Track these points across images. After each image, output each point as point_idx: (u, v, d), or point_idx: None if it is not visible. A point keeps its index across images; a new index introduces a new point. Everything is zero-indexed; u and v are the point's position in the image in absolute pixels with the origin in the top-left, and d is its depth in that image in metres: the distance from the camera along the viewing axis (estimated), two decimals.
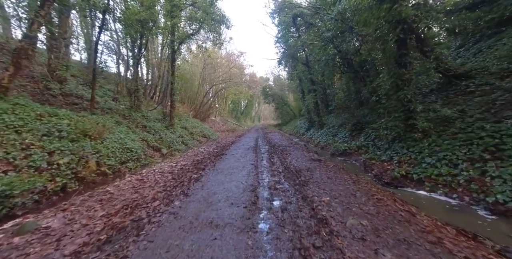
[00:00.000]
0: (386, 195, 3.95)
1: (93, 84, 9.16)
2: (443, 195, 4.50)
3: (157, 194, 4.16)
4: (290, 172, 5.96)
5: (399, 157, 6.75)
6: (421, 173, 5.40)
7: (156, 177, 5.51)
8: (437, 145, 6.07)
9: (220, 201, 3.95)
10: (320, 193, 4.08)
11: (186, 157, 9.01)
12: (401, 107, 7.19)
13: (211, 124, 28.19)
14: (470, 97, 7.61)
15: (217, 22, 13.80)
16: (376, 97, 8.34)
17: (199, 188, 4.75)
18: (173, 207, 3.60)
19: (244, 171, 6.26)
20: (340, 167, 6.64)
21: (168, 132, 13.79)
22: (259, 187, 4.80)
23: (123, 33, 12.75)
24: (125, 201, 3.67)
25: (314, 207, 3.39)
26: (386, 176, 6.00)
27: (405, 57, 6.94)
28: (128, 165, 7.79)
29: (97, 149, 6.80)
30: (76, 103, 9.66)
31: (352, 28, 11.13)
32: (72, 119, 6.99)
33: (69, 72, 12.76)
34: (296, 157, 8.30)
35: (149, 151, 10.25)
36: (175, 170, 6.40)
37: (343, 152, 9.99)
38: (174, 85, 14.86)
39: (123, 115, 11.87)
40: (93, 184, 5.92)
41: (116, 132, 8.87)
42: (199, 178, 5.55)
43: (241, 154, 9.22)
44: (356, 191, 4.01)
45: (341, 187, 4.37)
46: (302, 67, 20.08)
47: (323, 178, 5.10)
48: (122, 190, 4.32)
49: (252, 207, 3.59)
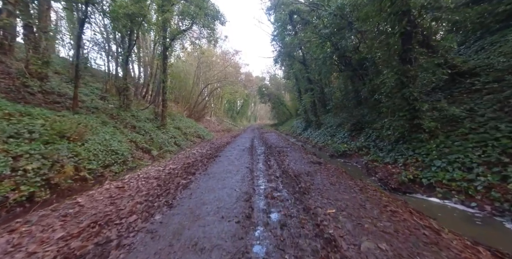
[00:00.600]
0: (399, 205, 3.46)
1: (76, 81, 8.49)
2: (459, 203, 4.03)
3: (136, 205, 3.59)
4: (289, 176, 5.45)
5: (405, 159, 6.30)
6: (431, 178, 4.94)
7: (139, 184, 4.93)
8: (446, 146, 5.63)
9: (209, 213, 3.40)
10: (324, 203, 3.57)
11: (176, 160, 8.42)
12: (406, 105, 6.75)
13: (206, 124, 27.53)
14: (477, 95, 7.21)
15: (210, 18, 13.19)
16: (378, 96, 7.88)
17: (186, 197, 4.19)
18: (153, 222, 3.04)
19: (238, 176, 5.73)
20: (342, 171, 6.15)
21: (159, 132, 13.14)
22: (255, 195, 4.27)
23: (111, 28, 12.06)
24: (95, 216, 3.09)
25: (318, 223, 2.87)
26: (392, 180, 5.52)
27: (410, 52, 6.50)
28: (112, 169, 7.16)
29: (76, 152, 6.17)
30: (57, 102, 8.96)
31: (351, 24, 10.67)
32: (49, 119, 6.35)
33: (52, 68, 12.06)
34: (294, 159, 7.79)
35: (137, 153, 9.60)
36: (162, 175, 5.82)
37: (343, 153, 9.53)
38: (166, 83, 14.20)
39: (111, 115, 11.19)
40: (69, 191, 5.31)
41: (101, 133, 8.22)
42: (188, 185, 4.99)
43: (236, 156, 8.68)
44: (365, 201, 3.51)
45: (346, 195, 3.86)
46: (299, 66, 19.63)
47: (325, 185, 4.60)
48: (96, 201, 3.73)
49: (246, 222, 3.06)
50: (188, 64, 28.40)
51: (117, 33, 12.86)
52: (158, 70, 18.67)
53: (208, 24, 13.27)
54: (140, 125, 12.07)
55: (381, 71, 10.32)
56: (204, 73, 29.43)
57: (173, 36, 13.21)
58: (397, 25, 5.82)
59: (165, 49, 13.27)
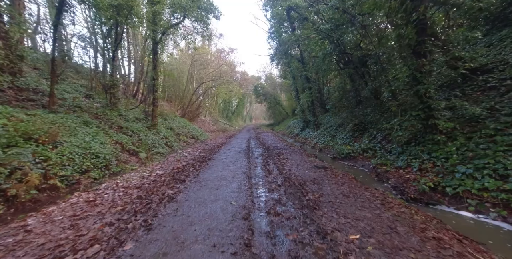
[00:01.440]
0: (439, 228, 2.76)
1: (53, 76, 7.60)
2: (500, 219, 3.37)
3: (103, 228, 2.80)
4: (292, 185, 4.72)
5: (420, 164, 5.65)
6: (457, 187, 4.28)
7: (116, 196, 4.14)
8: (468, 149, 4.99)
9: (198, 239, 2.65)
10: (341, 223, 2.86)
11: (165, 164, 7.62)
12: (419, 104, 6.10)
13: (201, 124, 26.64)
14: (493, 93, 6.64)
15: (204, 11, 12.38)
16: (388, 93, 7.22)
17: (171, 214, 3.43)
18: (119, 257, 2.27)
19: (234, 184, 4.98)
20: (352, 178, 5.46)
21: (149, 133, 12.27)
22: (254, 210, 3.53)
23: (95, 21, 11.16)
24: (40, 249, 2.30)
25: (342, 257, 2.15)
26: (409, 188, 4.86)
27: (425, 44, 5.85)
28: (91, 175, 6.32)
29: (45, 156, 5.32)
30: (32, 99, 8.05)
31: (354, 17, 10.03)
32: (13, 118, 5.48)
33: (30, 64, 11.09)
34: (295, 163, 7.08)
35: (123, 156, 8.74)
36: (145, 184, 5.03)
37: (347, 156, 8.86)
38: (156, 80, 13.35)
39: (95, 114, 10.29)
40: (33, 203, 4.47)
41: (80, 134, 7.36)
42: (175, 196, 4.22)
43: (231, 159, 7.93)
44: (394, 222, 2.81)
45: (367, 212, 3.16)
46: (297, 64, 18.97)
47: (337, 196, 3.89)
48: (52, 222, 2.93)
49: (245, 254, 2.32)
50: (182, 62, 27.47)
51: (104, 27, 11.94)
52: (149, 67, 17.77)
53: (201, 18, 12.47)
54: (128, 125, 11.19)
55: (386, 68, 9.71)
56: (198, 72, 28.53)
57: (164, 30, 12.36)
58: (416, 12, 5.17)
59: (156, 44, 12.42)
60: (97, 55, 14.83)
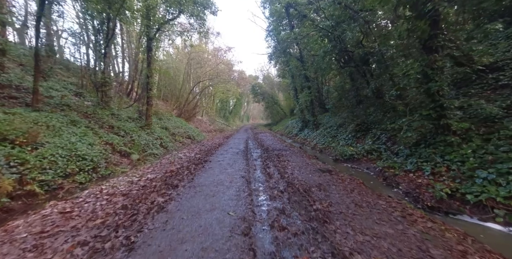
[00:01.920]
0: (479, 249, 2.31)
1: (36, 72, 7.05)
2: None
3: (73, 250, 2.32)
4: (296, 191, 4.27)
5: (432, 167, 5.24)
6: (480, 194, 3.87)
7: (98, 205, 3.64)
8: (487, 152, 4.60)
9: None
10: (359, 242, 2.41)
11: (158, 167, 7.12)
12: (430, 103, 5.70)
13: (197, 124, 26.08)
14: (506, 91, 6.27)
15: (200, 6, 11.88)
16: (396, 92, 6.81)
17: (159, 228, 2.95)
18: None
19: (232, 190, 4.51)
20: (360, 183, 5.02)
21: (143, 133, 11.71)
22: (255, 223, 3.07)
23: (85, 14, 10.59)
24: None
25: None
26: (423, 195, 4.43)
27: (437, 38, 5.45)
28: (76, 179, 5.80)
29: (22, 159, 4.80)
30: (14, 97, 7.49)
31: (357, 13, 9.63)
32: None
33: (16, 60, 10.50)
34: (297, 165, 6.63)
35: (114, 157, 8.21)
36: (133, 190, 4.53)
37: (350, 157, 8.44)
38: (151, 79, 12.79)
39: (85, 113, 9.73)
40: (4, 213, 3.95)
41: (65, 135, 6.83)
42: (165, 205, 3.74)
43: (229, 161, 7.45)
44: (424, 241, 2.37)
45: (388, 228, 2.71)
46: (296, 63, 18.54)
47: (348, 206, 3.44)
48: (11, 242, 2.44)
49: None
50: (178, 61, 26.89)
51: (95, 21, 11.36)
52: (144, 65, 17.19)
53: (197, 13, 11.96)
54: (120, 125, 10.63)
55: (390, 66, 9.33)
56: (195, 70, 27.95)
57: (159, 26, 11.83)
58: (430, 2, 4.76)
59: (150, 39, 11.88)
60: (88, 52, 14.25)
